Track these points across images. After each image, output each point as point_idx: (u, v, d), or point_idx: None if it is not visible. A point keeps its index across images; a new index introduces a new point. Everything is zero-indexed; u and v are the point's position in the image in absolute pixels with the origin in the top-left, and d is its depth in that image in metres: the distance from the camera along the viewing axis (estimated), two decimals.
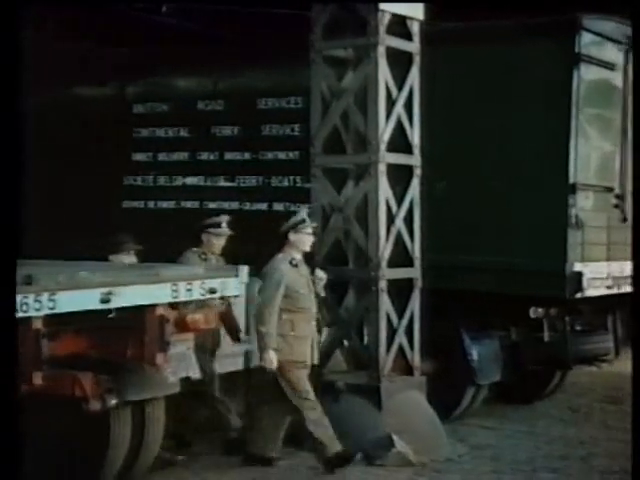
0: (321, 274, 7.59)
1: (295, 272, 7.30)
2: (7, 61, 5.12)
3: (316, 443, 7.28)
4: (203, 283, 6.69)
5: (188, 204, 10.04)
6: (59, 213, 10.36)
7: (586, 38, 8.71)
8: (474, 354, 8.77)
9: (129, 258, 7.15)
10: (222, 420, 7.79)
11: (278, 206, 9.25)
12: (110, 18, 9.62)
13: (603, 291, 9.01)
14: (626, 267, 9.42)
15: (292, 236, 7.33)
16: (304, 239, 7.36)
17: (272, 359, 7.11)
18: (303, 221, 7.35)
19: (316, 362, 7.44)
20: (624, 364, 10.79)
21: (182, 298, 6.44)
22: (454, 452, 7.98)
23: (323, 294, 7.62)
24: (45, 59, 9.70)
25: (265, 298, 7.22)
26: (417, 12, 8.14)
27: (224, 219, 7.88)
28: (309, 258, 7.68)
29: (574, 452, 8.23)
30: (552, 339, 9.02)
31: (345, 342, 8.28)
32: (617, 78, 9.28)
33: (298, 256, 7.36)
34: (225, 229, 7.83)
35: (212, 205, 9.87)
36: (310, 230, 7.39)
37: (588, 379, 10.81)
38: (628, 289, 9.48)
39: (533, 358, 9.20)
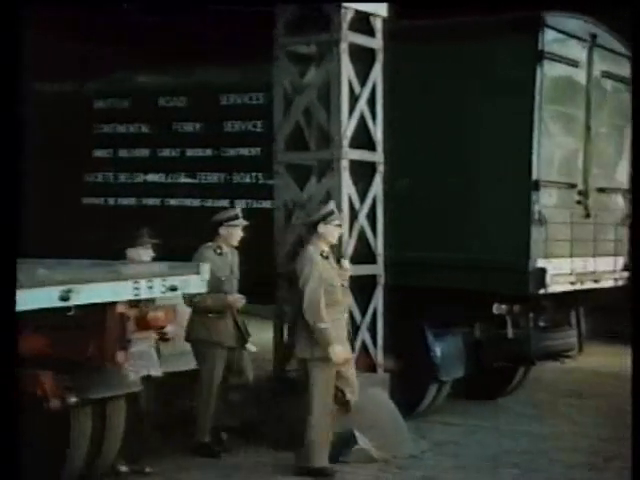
0: (347, 265, 7.56)
1: (327, 264, 7.23)
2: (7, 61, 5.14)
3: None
4: (164, 280, 6.66)
5: (150, 201, 10.02)
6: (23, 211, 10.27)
7: (550, 35, 8.74)
8: (437, 351, 8.79)
9: (146, 252, 7.09)
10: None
11: (240, 203, 9.21)
12: (69, 14, 9.51)
13: (566, 287, 9.05)
14: (589, 263, 9.54)
15: (321, 228, 7.24)
16: (333, 231, 7.30)
17: (339, 352, 7.02)
18: (332, 213, 7.30)
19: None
20: (587, 359, 10.92)
21: (143, 296, 6.40)
22: (417, 448, 7.99)
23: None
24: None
25: (313, 293, 7.05)
26: (380, 9, 8.13)
27: (239, 210, 7.89)
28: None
29: (537, 447, 8.26)
30: (515, 335, 9.05)
31: None
32: (581, 75, 9.33)
33: (327, 248, 7.31)
34: (242, 220, 7.81)
35: (173, 202, 9.88)
36: (338, 222, 7.36)
37: (551, 375, 10.87)
38: (591, 285, 9.58)
39: (496, 354, 9.21)
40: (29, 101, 9.49)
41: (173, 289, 6.76)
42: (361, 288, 8.03)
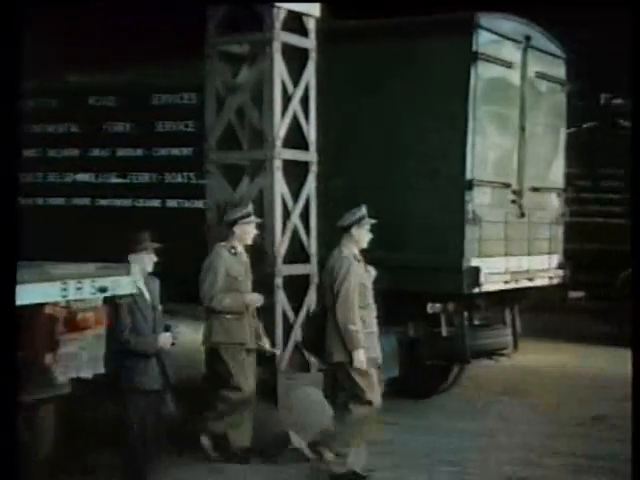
0: (372, 270, 7.52)
1: (360, 267, 7.27)
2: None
3: None
4: (93, 281, 6.59)
5: (79, 201, 9.91)
6: None
7: (483, 37, 8.82)
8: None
9: (149, 257, 6.88)
10: None
11: (172, 202, 9.17)
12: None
13: (501, 286, 9.14)
14: (523, 262, 9.63)
15: (355, 231, 7.31)
16: (365, 235, 7.41)
17: (362, 359, 7.05)
18: (364, 217, 7.37)
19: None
20: (522, 357, 11.03)
21: (72, 297, 6.34)
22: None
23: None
24: None
25: (347, 294, 7.08)
26: (313, 9, 8.14)
27: (251, 207, 7.77)
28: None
29: (472, 444, 8.32)
30: (450, 334, 9.11)
31: None
32: (515, 76, 9.41)
33: (357, 251, 7.34)
34: (254, 217, 7.73)
35: (103, 202, 9.80)
36: (369, 226, 7.41)
37: (486, 373, 10.93)
38: (526, 283, 9.68)
39: (431, 353, 9.26)
40: None
41: (103, 290, 6.70)
42: (295, 288, 8.03)
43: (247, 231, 7.61)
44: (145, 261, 6.76)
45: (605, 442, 8.54)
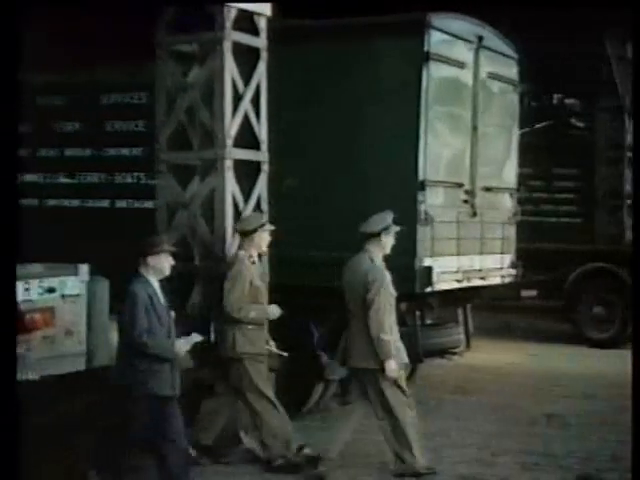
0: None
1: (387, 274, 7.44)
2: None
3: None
4: (41, 282, 6.55)
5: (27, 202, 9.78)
6: None
7: (435, 37, 8.84)
8: (323, 350, 8.81)
9: (167, 260, 6.67)
10: None
11: (121, 203, 9.11)
12: None
13: (453, 285, 9.18)
14: (476, 261, 9.67)
15: (384, 237, 7.52)
16: (391, 241, 7.61)
17: (395, 368, 7.23)
18: (390, 224, 7.59)
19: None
20: (475, 356, 11.09)
21: (19, 297, 6.28)
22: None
23: None
24: None
25: (380, 305, 7.28)
26: (264, 8, 8.11)
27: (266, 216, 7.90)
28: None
29: (425, 444, 8.30)
30: (402, 333, 9.09)
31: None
32: (467, 76, 9.46)
33: (381, 257, 7.52)
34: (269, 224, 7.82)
35: (52, 202, 9.69)
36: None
37: (438, 372, 10.99)
38: (478, 282, 9.72)
39: None
40: None
41: (51, 291, 6.67)
42: None
43: (265, 238, 7.73)
44: (163, 264, 6.59)
45: (557, 440, 8.60)
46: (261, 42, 8.12)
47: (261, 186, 8.12)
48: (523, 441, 8.54)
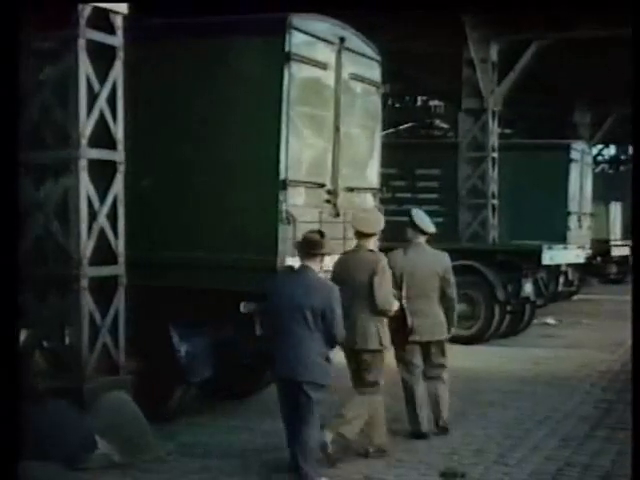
0: None
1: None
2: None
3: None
4: None
5: None
6: None
7: (297, 37, 8.85)
8: (183, 351, 8.71)
9: (322, 262, 7.60)
10: None
11: None
12: None
13: None
14: None
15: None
16: None
17: None
18: None
19: None
20: (339, 355, 11.14)
21: None
22: (162, 451, 7.89)
23: None
24: None
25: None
26: (120, 6, 7.99)
27: None
28: None
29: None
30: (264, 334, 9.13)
31: (45, 343, 8.00)
32: (329, 77, 9.49)
33: None
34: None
35: None
36: None
37: None
38: None
39: (244, 353, 9.26)
40: None
41: None
42: (102, 290, 7.86)
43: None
44: (318, 265, 7.36)
45: None
46: (117, 40, 7.98)
47: (117, 186, 7.99)
48: None
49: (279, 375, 7.37)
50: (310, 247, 7.42)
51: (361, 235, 8.26)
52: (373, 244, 8.38)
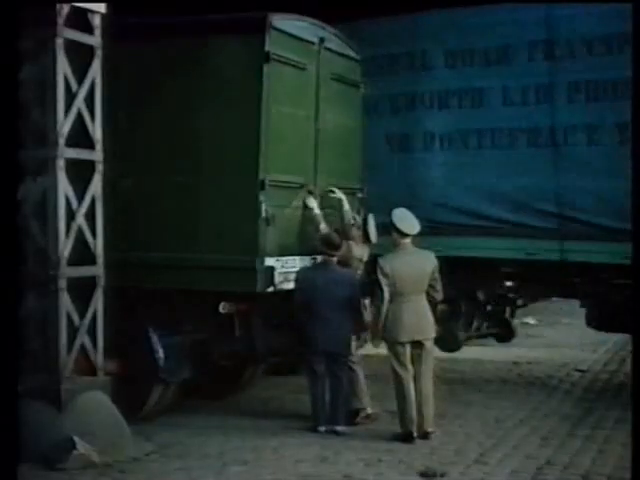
0: None
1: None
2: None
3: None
4: None
5: None
6: None
7: (276, 37, 8.84)
8: (160, 352, 8.69)
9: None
10: None
11: None
12: None
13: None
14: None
15: None
16: None
17: None
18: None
19: None
20: None
21: None
22: (140, 451, 7.88)
23: None
24: None
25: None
26: (99, 5, 7.96)
27: None
28: None
29: (266, 443, 8.34)
30: (242, 334, 9.13)
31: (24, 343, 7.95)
32: (309, 77, 9.49)
33: None
34: None
35: None
36: None
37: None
38: None
39: (224, 354, 9.25)
40: None
41: None
42: (80, 290, 7.84)
43: None
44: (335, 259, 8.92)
45: None
46: (95, 40, 7.97)
47: (96, 186, 7.96)
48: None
49: (317, 349, 8.74)
50: (331, 248, 8.92)
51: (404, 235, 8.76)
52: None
